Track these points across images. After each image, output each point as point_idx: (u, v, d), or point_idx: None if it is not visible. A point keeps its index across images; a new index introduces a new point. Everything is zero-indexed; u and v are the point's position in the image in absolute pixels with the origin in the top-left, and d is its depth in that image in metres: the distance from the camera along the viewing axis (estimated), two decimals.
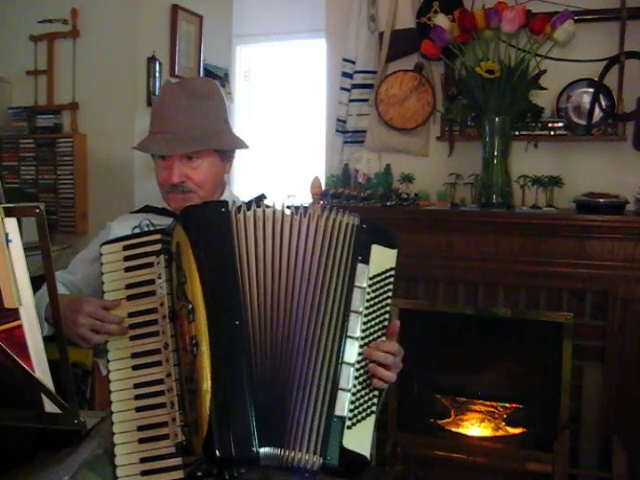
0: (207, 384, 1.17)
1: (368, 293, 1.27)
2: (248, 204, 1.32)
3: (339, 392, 1.21)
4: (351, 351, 1.24)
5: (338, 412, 1.20)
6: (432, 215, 2.65)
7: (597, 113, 2.60)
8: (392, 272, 1.32)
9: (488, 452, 2.67)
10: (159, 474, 1.26)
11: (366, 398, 1.25)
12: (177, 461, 1.25)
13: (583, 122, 2.63)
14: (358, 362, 1.25)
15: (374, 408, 1.25)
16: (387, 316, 1.30)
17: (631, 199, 2.48)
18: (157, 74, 3.53)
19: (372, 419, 1.24)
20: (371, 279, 1.28)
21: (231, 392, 1.18)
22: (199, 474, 1.24)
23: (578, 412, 2.51)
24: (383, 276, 1.30)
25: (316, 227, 1.30)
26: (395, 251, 1.33)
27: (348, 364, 1.23)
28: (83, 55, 3.50)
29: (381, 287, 1.30)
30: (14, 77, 3.65)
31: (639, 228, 2.38)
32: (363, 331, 1.26)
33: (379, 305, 1.29)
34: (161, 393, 1.28)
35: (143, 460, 1.27)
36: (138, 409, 1.29)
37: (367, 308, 1.27)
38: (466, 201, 2.75)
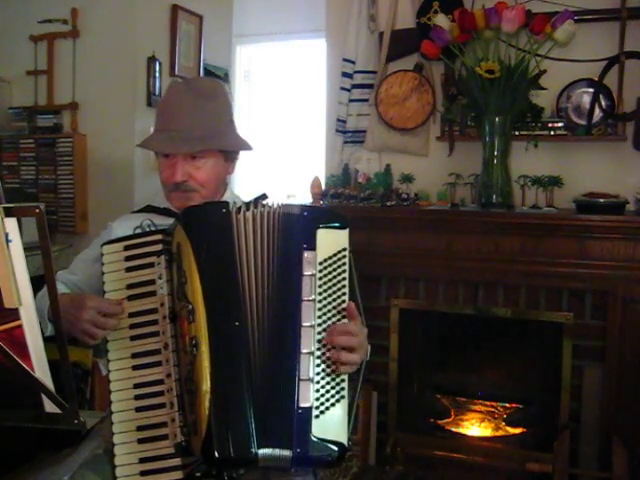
0: (206, 385, 1.17)
1: (320, 279, 1.26)
2: (249, 204, 1.33)
3: (301, 383, 1.21)
4: (308, 340, 1.23)
5: (302, 403, 1.19)
6: (432, 215, 2.65)
7: (597, 113, 2.60)
8: (345, 252, 1.30)
9: (488, 452, 2.67)
10: (158, 474, 1.27)
11: (333, 384, 1.23)
12: (176, 461, 1.26)
13: (583, 122, 2.63)
14: (318, 349, 1.24)
15: (343, 393, 1.24)
16: (345, 297, 1.28)
17: (631, 199, 2.48)
18: (157, 74, 3.53)
19: (343, 404, 1.23)
20: (321, 264, 1.27)
21: (230, 393, 1.18)
22: (198, 475, 1.24)
23: (578, 412, 2.51)
24: (334, 259, 1.29)
25: (261, 223, 1.29)
26: (346, 231, 1.32)
27: (307, 354, 1.22)
28: (83, 55, 3.50)
29: (334, 270, 1.28)
30: (14, 77, 3.65)
31: (639, 228, 2.38)
32: (319, 317, 1.25)
33: (335, 288, 1.28)
34: (161, 393, 1.28)
35: (142, 460, 1.28)
36: (138, 409, 1.29)
37: (320, 294, 1.26)
38: (466, 201, 2.75)
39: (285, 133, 4.95)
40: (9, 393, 1.13)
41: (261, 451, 1.16)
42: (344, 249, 1.30)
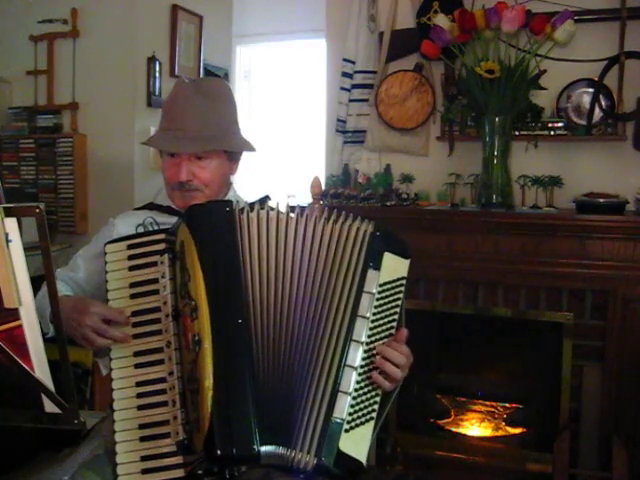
0: (209, 382, 1.17)
1: (377, 299, 1.27)
2: (252, 205, 1.33)
3: (339, 395, 1.21)
4: (355, 355, 1.24)
5: (337, 414, 1.20)
6: (432, 215, 2.65)
7: (597, 113, 2.60)
8: (403, 281, 1.32)
9: (488, 452, 2.67)
10: (160, 472, 1.26)
11: (367, 403, 1.24)
12: (178, 459, 1.25)
13: (583, 122, 2.63)
14: (361, 367, 1.24)
15: (374, 414, 1.25)
16: (394, 324, 1.30)
17: (631, 199, 2.48)
18: (157, 74, 3.53)
19: (371, 425, 1.24)
20: (381, 286, 1.28)
21: (233, 390, 1.18)
22: (200, 472, 1.24)
23: (578, 412, 2.51)
24: (394, 284, 1.31)
25: (331, 231, 1.30)
26: (408, 261, 1.34)
27: (351, 367, 1.23)
28: (83, 55, 3.50)
29: (391, 295, 1.30)
30: (14, 77, 3.65)
31: (639, 228, 2.38)
32: (369, 336, 1.26)
33: (387, 312, 1.29)
34: (163, 391, 1.28)
35: (144, 458, 1.27)
36: (140, 407, 1.29)
37: (375, 314, 1.27)
38: (466, 201, 2.75)
39: (285, 133, 4.95)
40: (9, 393, 1.13)
41: (263, 448, 1.16)
42: (403, 277, 1.33)
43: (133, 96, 3.46)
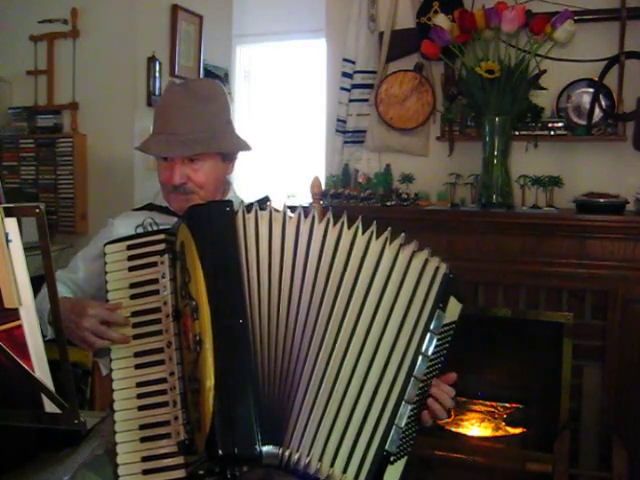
0: (210, 382, 1.17)
1: (437, 340, 1.29)
2: (250, 206, 1.32)
3: (394, 427, 1.24)
4: (412, 391, 1.26)
5: (388, 447, 1.23)
6: (432, 215, 2.65)
7: (597, 113, 2.60)
8: (454, 325, 1.34)
9: (488, 452, 2.67)
10: (161, 473, 1.26)
11: (409, 437, 1.27)
12: (179, 460, 1.25)
13: (583, 122, 2.63)
14: (414, 402, 1.26)
15: (410, 449, 1.27)
16: (440, 366, 1.32)
17: (631, 199, 2.48)
18: (157, 74, 3.53)
19: (404, 460, 1.27)
20: (442, 327, 1.30)
21: (234, 390, 1.18)
22: (201, 473, 1.24)
23: (578, 412, 2.51)
24: (448, 327, 1.32)
25: (380, 252, 1.29)
26: (461, 306, 1.36)
27: (408, 402, 1.25)
28: (83, 55, 3.50)
29: (444, 337, 1.32)
30: (14, 77, 3.65)
31: (639, 228, 2.38)
32: (425, 374, 1.28)
33: (440, 353, 1.31)
34: (164, 392, 1.28)
35: (145, 459, 1.27)
36: (140, 408, 1.29)
37: (432, 354, 1.29)
38: (466, 201, 2.75)
39: (285, 133, 4.95)
40: (9, 393, 1.13)
41: (265, 448, 1.16)
42: (455, 322, 1.34)
43: (133, 96, 3.46)
